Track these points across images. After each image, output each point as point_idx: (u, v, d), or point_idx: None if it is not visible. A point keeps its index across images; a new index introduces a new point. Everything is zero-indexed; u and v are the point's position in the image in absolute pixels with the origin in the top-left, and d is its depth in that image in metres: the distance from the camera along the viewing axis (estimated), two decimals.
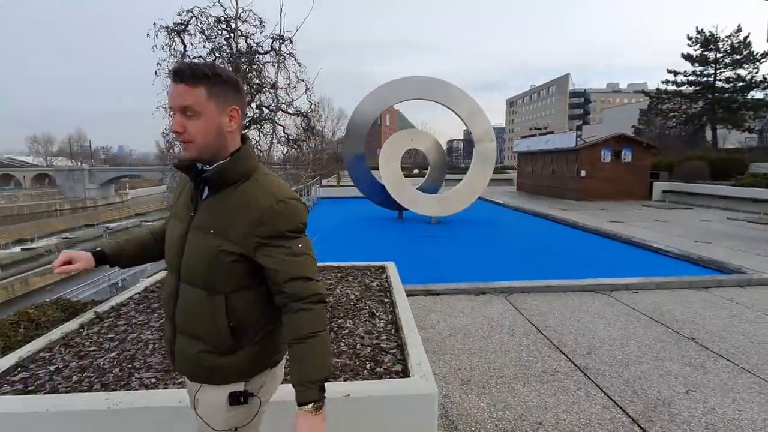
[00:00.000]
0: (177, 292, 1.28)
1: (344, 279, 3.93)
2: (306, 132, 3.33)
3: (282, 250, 1.19)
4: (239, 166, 1.22)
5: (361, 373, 2.22)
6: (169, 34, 2.46)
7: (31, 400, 1.95)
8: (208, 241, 1.20)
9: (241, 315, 1.23)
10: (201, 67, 1.15)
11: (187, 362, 1.28)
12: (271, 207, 1.19)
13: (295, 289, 1.18)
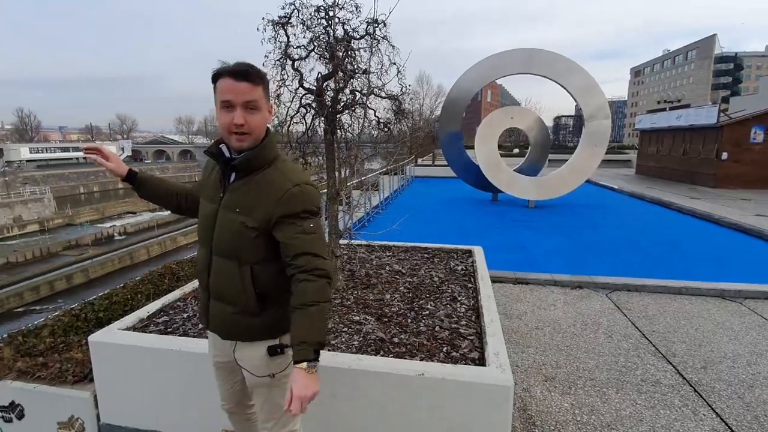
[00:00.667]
0: (210, 264, 1.50)
1: (430, 261, 3.97)
2: (396, 115, 3.36)
3: (295, 228, 1.37)
4: (264, 155, 1.42)
5: (437, 356, 2.27)
6: (274, 27, 2.66)
7: (168, 339, 2.41)
8: (235, 219, 1.41)
9: (265, 283, 1.45)
10: (258, 69, 1.36)
11: (222, 324, 1.51)
12: (289, 190, 1.38)
13: (303, 262, 1.35)
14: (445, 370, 2.08)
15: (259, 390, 1.57)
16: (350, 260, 3.90)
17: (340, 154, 3.22)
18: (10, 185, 39.87)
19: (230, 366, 1.63)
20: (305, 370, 1.26)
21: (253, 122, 1.35)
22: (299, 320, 1.31)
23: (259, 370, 1.51)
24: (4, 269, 25.69)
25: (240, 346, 1.53)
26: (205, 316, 1.58)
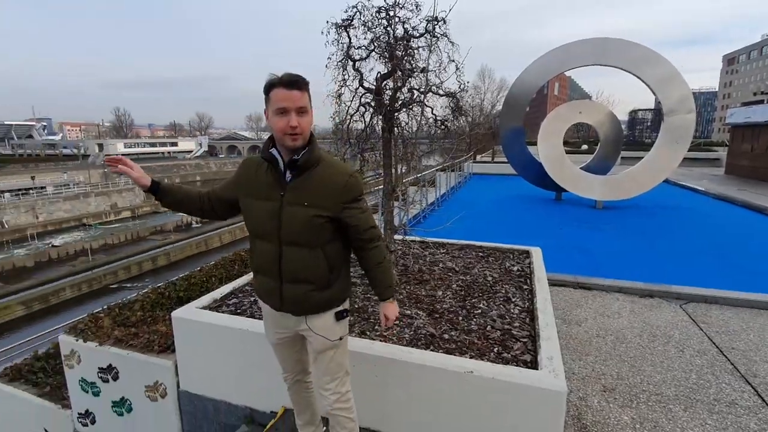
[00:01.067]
0: (280, 254, 1.67)
1: (484, 259, 3.93)
2: (454, 112, 3.36)
3: (358, 210, 1.68)
4: (316, 153, 1.63)
5: (487, 355, 2.27)
6: (337, 30, 2.79)
7: (237, 320, 2.65)
8: (304, 212, 1.61)
9: (332, 260, 1.71)
10: (304, 78, 1.56)
11: (297, 302, 1.72)
12: (347, 180, 1.65)
13: (369, 234, 1.72)
14: (495, 369, 2.08)
15: (326, 353, 1.80)
16: (404, 255, 3.97)
17: (397, 151, 3.29)
18: (108, 176, 45.18)
19: (293, 339, 1.88)
20: (391, 302, 1.83)
21: (304, 123, 1.56)
22: (381, 273, 1.78)
23: (332, 335, 1.77)
24: (103, 249, 29.23)
25: (311, 318, 1.75)
26: (277, 299, 1.74)
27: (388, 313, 1.83)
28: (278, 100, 1.52)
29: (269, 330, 1.90)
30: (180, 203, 1.85)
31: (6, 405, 3.65)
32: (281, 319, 1.80)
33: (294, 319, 1.77)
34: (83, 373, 3.15)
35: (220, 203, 1.86)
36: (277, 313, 1.79)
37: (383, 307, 1.83)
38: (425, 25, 3.16)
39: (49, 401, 3.46)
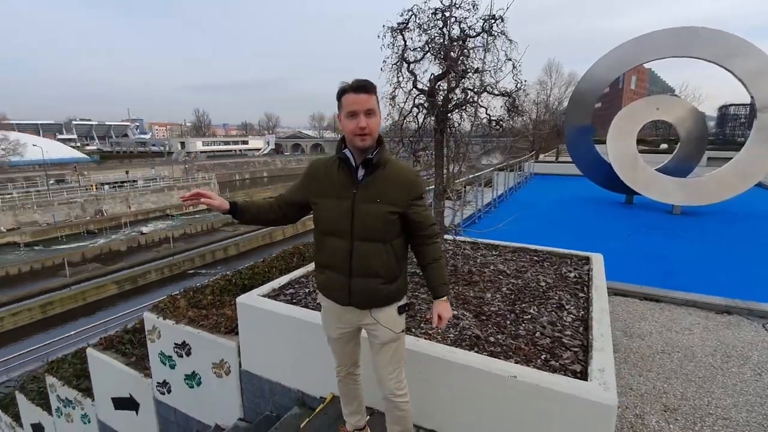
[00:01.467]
0: (352, 249, 1.74)
1: (538, 264, 3.81)
2: (509, 112, 3.30)
3: (421, 208, 1.80)
4: (385, 153, 1.76)
5: (534, 362, 2.23)
6: (392, 34, 2.87)
7: (292, 309, 2.85)
8: (377, 207, 1.71)
9: (399, 254, 1.81)
10: (371, 82, 1.68)
11: (366, 296, 1.79)
12: (414, 179, 1.78)
13: (431, 231, 1.82)
14: (540, 377, 2.05)
15: (390, 345, 1.89)
16: (454, 256, 3.97)
17: (449, 152, 3.31)
18: (188, 171, 49.62)
19: (352, 333, 1.99)
20: (446, 300, 1.84)
21: (372, 124, 1.67)
22: (436, 270, 1.84)
23: (396, 327, 1.87)
24: (182, 238, 32.16)
25: (376, 312, 1.83)
26: (345, 294, 1.80)
27: (442, 313, 1.82)
28: (349, 104, 1.64)
29: (330, 325, 1.97)
30: (255, 218, 1.92)
31: (100, 369, 4.23)
32: (345, 313, 1.87)
33: (358, 314, 1.84)
34: (162, 347, 3.55)
35: (290, 207, 1.90)
36: (341, 309, 1.86)
37: (437, 306, 1.83)
38: (482, 24, 3.14)
39: (134, 370, 3.95)
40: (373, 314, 1.83)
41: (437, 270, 1.83)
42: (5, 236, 30.07)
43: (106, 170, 47.54)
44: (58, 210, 34.27)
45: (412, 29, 2.97)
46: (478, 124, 3.27)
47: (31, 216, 32.78)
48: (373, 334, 1.89)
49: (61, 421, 5.00)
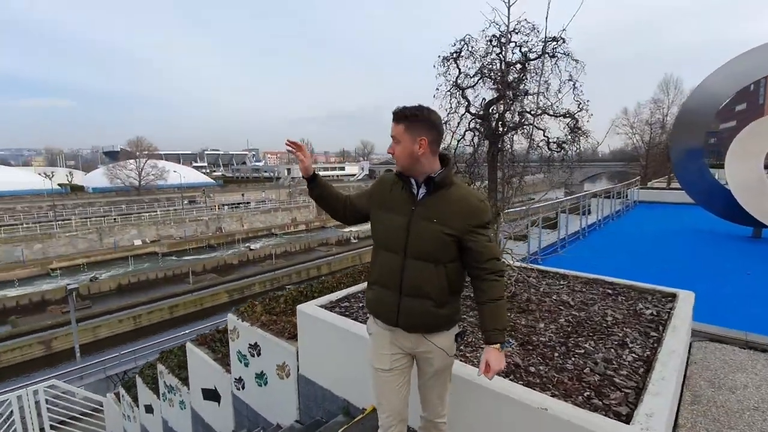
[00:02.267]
0: (403, 266, 1.72)
1: (610, 297, 3.47)
2: (572, 133, 3.18)
3: (483, 237, 1.69)
4: (450, 175, 1.75)
5: (572, 397, 2.08)
6: (444, 63, 3.02)
7: (342, 320, 3.05)
8: (433, 227, 1.68)
9: (452, 279, 1.74)
10: (404, 110, 1.69)
11: (414, 317, 1.74)
12: (478, 205, 1.70)
13: (491, 265, 1.69)
14: (573, 412, 1.91)
15: (444, 373, 1.87)
16: (515, 283, 3.82)
17: (504, 175, 3.28)
18: (292, 195, 54.73)
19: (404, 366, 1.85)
20: (498, 349, 1.67)
21: (397, 151, 1.72)
22: (491, 312, 1.69)
23: (451, 351, 1.83)
24: (283, 255, 35.29)
25: (432, 336, 1.77)
26: (393, 313, 1.76)
27: (492, 361, 1.64)
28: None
29: (383, 354, 1.83)
30: (325, 198, 1.93)
31: (195, 362, 4.91)
32: (397, 337, 1.81)
33: (413, 340, 1.78)
34: (239, 346, 4.03)
35: (352, 209, 1.94)
36: (392, 333, 1.81)
37: (487, 353, 1.66)
38: (542, 47, 3.13)
39: (219, 365, 4.51)
40: (428, 338, 1.77)
41: (494, 311, 1.67)
42: (149, 246, 36.29)
43: (227, 193, 54.89)
44: (189, 226, 40.41)
45: (465, 57, 3.08)
46: (536, 147, 3.20)
47: (168, 230, 39.15)
48: (427, 362, 1.82)
49: (165, 404, 5.85)
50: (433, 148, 1.71)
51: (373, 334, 1.90)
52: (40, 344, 18.93)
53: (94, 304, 23.92)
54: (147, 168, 51.39)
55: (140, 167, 50.84)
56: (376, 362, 1.87)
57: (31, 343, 18.87)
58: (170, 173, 53.69)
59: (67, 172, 62.84)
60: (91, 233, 35.20)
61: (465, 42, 3.00)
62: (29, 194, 45.59)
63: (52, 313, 22.46)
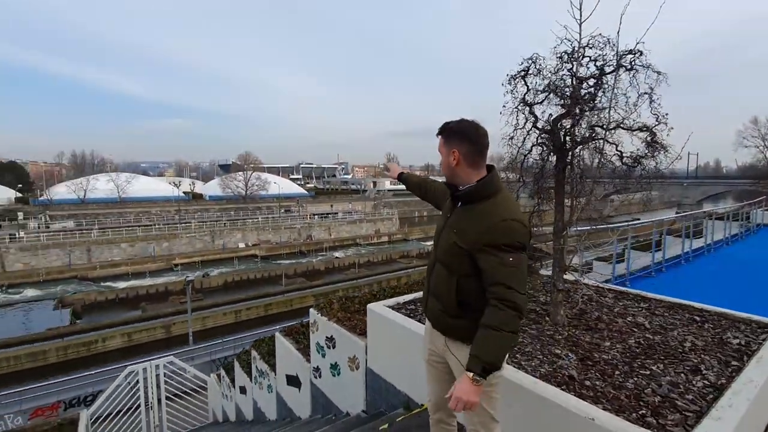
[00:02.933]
0: (433, 266, 1.90)
1: (695, 324, 3.21)
2: (650, 147, 3.08)
3: (494, 259, 1.59)
4: (482, 190, 1.73)
5: (625, 413, 2.06)
6: (512, 81, 3.17)
7: (406, 320, 3.30)
8: (451, 237, 1.76)
9: (466, 294, 1.74)
10: (445, 125, 1.83)
11: (432, 315, 1.93)
12: (495, 223, 1.62)
13: (497, 290, 1.57)
14: (620, 425, 1.92)
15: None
16: (589, 302, 3.71)
17: (574, 190, 3.28)
18: (377, 207, 56.64)
19: (442, 365, 1.92)
20: (471, 379, 1.53)
21: (443, 164, 1.85)
22: (480, 337, 1.57)
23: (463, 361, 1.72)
24: (366, 265, 36.64)
25: (450, 343, 1.83)
26: (425, 304, 2.00)
27: (458, 391, 1.54)
28: None
29: (424, 345, 2.06)
30: (413, 188, 2.49)
31: (282, 350, 5.54)
32: (432, 334, 1.96)
33: (438, 337, 1.89)
34: (318, 338, 4.51)
35: (432, 196, 2.32)
36: (429, 328, 1.99)
37: (459, 380, 1.57)
38: (617, 60, 3.12)
39: (302, 355, 5.06)
40: (447, 342, 1.84)
41: (483, 338, 1.55)
42: (251, 250, 40.44)
43: (318, 204, 58.84)
44: (284, 233, 44.16)
45: (533, 74, 3.19)
46: (608, 161, 3.16)
47: (267, 236, 43.20)
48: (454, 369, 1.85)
49: (256, 387, 6.64)
50: (468, 159, 1.73)
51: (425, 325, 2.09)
52: (162, 328, 22.27)
53: (205, 298, 27.40)
54: (252, 179, 57.64)
55: (247, 178, 57.22)
56: (422, 350, 2.08)
57: (155, 326, 22.31)
58: (271, 184, 59.42)
59: (190, 182, 73.20)
60: (206, 235, 40.50)
61: (532, 60, 3.11)
62: (161, 200, 54.02)
63: (173, 303, 26.25)
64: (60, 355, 19.36)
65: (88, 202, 49.05)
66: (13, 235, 34.64)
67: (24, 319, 24.72)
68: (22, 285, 31.18)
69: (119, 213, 47.12)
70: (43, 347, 19.50)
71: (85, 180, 51.26)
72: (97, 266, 34.19)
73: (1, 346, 19.60)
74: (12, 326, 22.85)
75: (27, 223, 40.75)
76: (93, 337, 20.68)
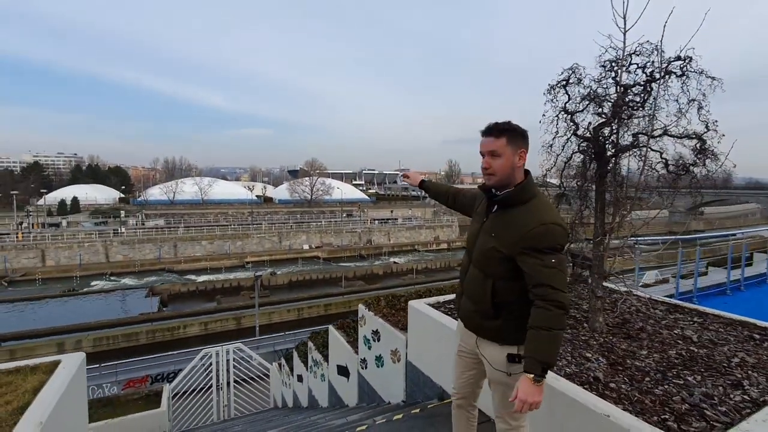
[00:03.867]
0: (468, 269, 1.96)
1: (752, 342, 3.03)
2: (699, 155, 3.01)
3: (536, 261, 1.65)
4: (521, 194, 1.76)
5: (645, 414, 2.09)
6: (551, 90, 3.26)
7: (443, 317, 3.50)
8: (488, 242, 1.80)
9: (502, 295, 1.80)
10: (502, 125, 1.77)
11: (466, 315, 2.00)
12: (534, 228, 1.67)
13: (540, 292, 1.63)
14: (634, 423, 1.98)
15: (496, 386, 1.88)
16: (636, 312, 3.62)
17: (618, 197, 3.27)
18: (436, 213, 56.38)
19: (471, 358, 2.02)
20: (531, 380, 1.59)
21: (495, 165, 1.77)
22: (532, 338, 1.62)
23: (497, 364, 1.84)
24: (423, 271, 36.63)
25: (481, 342, 1.90)
26: (458, 305, 2.09)
27: (520, 391, 1.58)
28: (480, 145, 1.83)
29: (457, 336, 2.17)
30: (435, 196, 2.56)
31: (334, 342, 5.96)
32: (461, 327, 2.05)
33: (470, 336, 1.95)
34: (365, 332, 4.84)
35: (460, 203, 2.34)
36: (461, 327, 2.06)
37: (521, 380, 1.61)
38: (665, 67, 3.10)
39: (351, 347, 5.43)
40: (478, 342, 1.91)
41: (535, 339, 1.61)
42: (314, 251, 42.42)
43: (378, 209, 60.06)
44: (345, 236, 45.67)
45: (573, 83, 3.26)
46: (651, 169, 3.13)
47: (329, 239, 44.99)
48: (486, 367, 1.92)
49: (311, 376, 7.15)
50: (524, 161, 1.81)
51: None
52: (234, 320, 24.25)
53: (271, 294, 29.30)
54: (317, 184, 60.48)
55: (312, 183, 60.15)
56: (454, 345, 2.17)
57: (227, 318, 24.36)
58: (335, 189, 61.81)
59: (262, 186, 78.59)
60: (274, 236, 43.26)
61: (572, 70, 3.18)
62: (237, 202, 58.75)
63: (243, 297, 28.43)
64: (149, 337, 21.95)
65: (176, 203, 54.89)
66: (117, 230, 39.86)
67: (121, 303, 28.29)
68: (122, 274, 35.73)
69: (201, 214, 52.12)
70: (135, 329, 22.24)
71: (174, 183, 57.49)
72: (181, 260, 38.13)
73: (103, 327, 22.69)
74: (113, 310, 26.29)
75: (127, 221, 46.67)
76: (176, 324, 23.16)
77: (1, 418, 1.88)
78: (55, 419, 2.10)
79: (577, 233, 3.54)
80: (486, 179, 1.83)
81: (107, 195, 70.07)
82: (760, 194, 62.03)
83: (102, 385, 14.49)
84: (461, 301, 2.00)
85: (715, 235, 6.52)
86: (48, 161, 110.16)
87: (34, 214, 47.44)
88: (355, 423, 3.56)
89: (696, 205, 7.66)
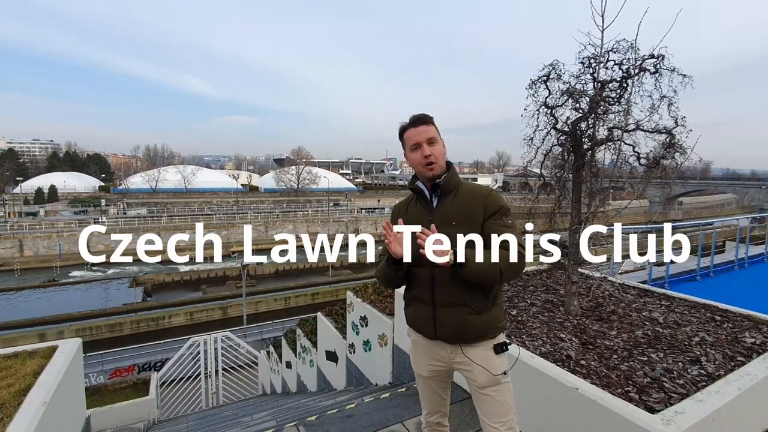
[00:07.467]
0: (433, 279, 1.71)
1: (713, 323, 3.27)
2: (668, 149, 3.21)
3: (499, 222, 1.68)
4: (455, 177, 1.79)
5: (610, 387, 2.29)
6: (533, 86, 3.41)
7: None
8: (453, 230, 1.65)
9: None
10: (427, 114, 1.78)
11: (453, 328, 1.70)
12: (487, 194, 1.74)
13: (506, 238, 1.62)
14: (599, 394, 2.17)
15: (489, 390, 1.71)
16: (609, 297, 3.85)
17: (592, 187, 3.45)
18: None
19: (445, 374, 1.87)
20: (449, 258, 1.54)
21: (436, 152, 1.73)
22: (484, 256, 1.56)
23: (495, 369, 1.70)
24: None
25: (467, 349, 1.71)
26: (431, 326, 1.74)
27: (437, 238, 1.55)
28: (410, 138, 1.75)
29: (420, 362, 1.88)
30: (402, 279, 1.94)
31: (323, 328, 6.10)
32: (435, 348, 1.79)
33: (449, 350, 1.75)
34: (353, 318, 4.99)
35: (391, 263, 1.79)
36: (431, 343, 1.80)
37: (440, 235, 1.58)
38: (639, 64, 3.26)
39: (339, 333, 5.58)
40: (464, 351, 1.72)
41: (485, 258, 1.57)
42: (300, 240, 42.33)
43: (365, 198, 60.07)
44: (332, 225, 45.63)
45: (554, 79, 3.40)
46: (624, 162, 3.32)
47: (316, 228, 44.91)
48: (469, 377, 1.75)
49: (299, 362, 7.31)
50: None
51: (413, 340, 1.93)
52: (220, 309, 24.18)
53: (258, 284, 29.25)
54: (304, 173, 60.01)
55: (299, 172, 59.67)
56: (415, 367, 1.92)
57: (213, 308, 24.28)
58: (321, 178, 61.48)
59: (248, 175, 77.64)
60: (260, 225, 42.95)
61: (552, 66, 3.33)
62: (222, 191, 57.94)
63: (230, 287, 28.32)
64: (134, 327, 21.77)
65: (158, 192, 53.83)
66: (97, 219, 38.98)
67: (104, 294, 27.89)
68: (102, 264, 35.08)
69: (185, 202, 51.23)
70: (119, 320, 22.02)
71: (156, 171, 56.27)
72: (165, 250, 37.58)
73: (85, 317, 22.39)
74: (95, 300, 25.91)
75: (108, 210, 45.64)
76: (161, 314, 22.98)
77: (5, 399, 1.96)
78: (56, 400, 2.18)
79: (556, 222, 3.74)
80: (427, 170, 1.73)
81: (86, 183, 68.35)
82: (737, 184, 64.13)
83: (88, 375, 14.41)
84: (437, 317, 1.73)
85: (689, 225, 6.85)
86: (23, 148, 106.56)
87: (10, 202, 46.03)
88: (344, 402, 3.72)
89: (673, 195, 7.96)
